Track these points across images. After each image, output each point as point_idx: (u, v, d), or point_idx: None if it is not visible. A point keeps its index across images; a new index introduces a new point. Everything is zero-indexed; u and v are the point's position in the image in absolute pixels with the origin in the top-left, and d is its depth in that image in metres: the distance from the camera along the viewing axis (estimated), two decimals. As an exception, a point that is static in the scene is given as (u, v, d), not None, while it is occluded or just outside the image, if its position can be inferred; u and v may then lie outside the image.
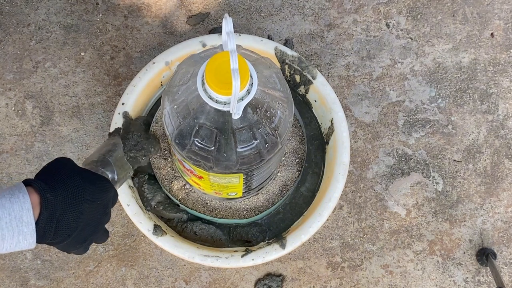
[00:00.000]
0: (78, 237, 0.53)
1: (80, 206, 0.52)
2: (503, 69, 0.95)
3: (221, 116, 0.56)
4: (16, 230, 0.47)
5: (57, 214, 0.50)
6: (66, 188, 0.51)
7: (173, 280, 0.85)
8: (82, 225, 0.52)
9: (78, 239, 0.53)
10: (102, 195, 0.55)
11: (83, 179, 0.53)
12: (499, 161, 0.91)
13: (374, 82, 0.94)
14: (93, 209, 0.53)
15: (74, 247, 0.55)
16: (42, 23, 0.94)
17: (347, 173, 0.77)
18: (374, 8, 0.97)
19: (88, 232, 0.54)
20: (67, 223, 0.51)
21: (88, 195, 0.52)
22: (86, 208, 0.52)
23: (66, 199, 0.51)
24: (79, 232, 0.53)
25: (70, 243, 0.53)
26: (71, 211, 0.51)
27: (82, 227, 0.52)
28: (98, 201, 0.54)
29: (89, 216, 0.53)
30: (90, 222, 0.53)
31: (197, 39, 0.82)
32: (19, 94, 0.91)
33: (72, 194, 0.51)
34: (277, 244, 0.75)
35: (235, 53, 0.49)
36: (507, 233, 0.88)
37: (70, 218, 0.51)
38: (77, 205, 0.51)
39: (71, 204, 0.51)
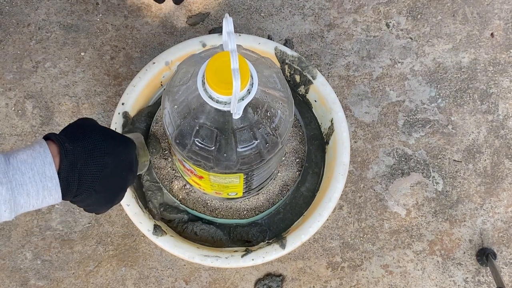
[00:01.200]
0: (105, 194, 0.51)
1: (103, 158, 0.50)
2: (503, 69, 0.95)
3: (222, 116, 0.56)
4: (40, 185, 0.46)
5: (78, 165, 0.48)
6: (86, 140, 0.50)
7: (173, 280, 0.85)
8: (108, 179, 0.51)
9: (105, 196, 0.52)
10: (125, 150, 0.53)
11: (104, 134, 0.52)
12: (499, 161, 0.91)
13: (374, 82, 0.94)
14: (117, 163, 0.51)
15: (103, 206, 0.53)
16: (42, 23, 0.94)
17: (347, 173, 0.78)
18: (374, 8, 0.97)
19: (115, 189, 0.53)
20: (91, 174, 0.49)
21: (110, 149, 0.51)
22: (110, 162, 0.51)
23: (87, 150, 0.49)
24: (106, 187, 0.51)
25: (98, 200, 0.51)
26: (93, 163, 0.49)
27: (108, 182, 0.51)
28: (121, 156, 0.52)
29: (115, 170, 0.51)
30: (116, 178, 0.52)
31: (197, 39, 0.82)
32: (19, 94, 0.91)
33: (93, 145, 0.50)
34: (277, 244, 0.75)
35: (235, 53, 0.49)
36: (507, 233, 0.88)
37: (93, 170, 0.49)
38: (99, 157, 0.50)
39: (92, 155, 0.49)
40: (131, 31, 0.94)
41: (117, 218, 0.87)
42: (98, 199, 0.52)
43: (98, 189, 0.51)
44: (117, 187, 0.53)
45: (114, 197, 0.54)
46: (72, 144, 0.49)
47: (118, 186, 0.53)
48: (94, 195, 0.51)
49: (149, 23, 0.95)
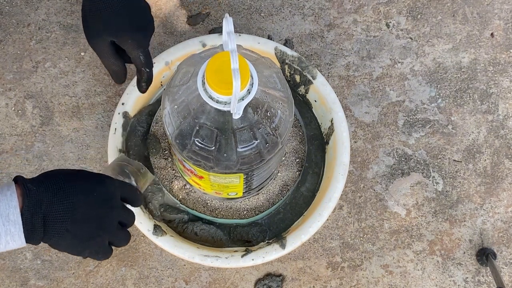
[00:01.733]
0: (80, 233, 0.49)
1: (71, 197, 0.48)
2: (503, 69, 0.95)
3: (222, 116, 0.56)
4: (2, 229, 0.45)
5: (43, 206, 0.46)
6: (51, 180, 0.48)
7: (173, 280, 0.85)
8: (80, 219, 0.48)
9: (81, 236, 0.49)
10: (98, 187, 0.50)
11: (73, 175, 0.50)
12: (499, 161, 0.91)
13: (374, 82, 0.94)
14: (90, 201, 0.49)
15: (81, 247, 0.50)
16: (42, 23, 0.94)
17: (347, 173, 0.78)
18: (374, 8, 0.97)
19: (91, 228, 0.50)
20: (60, 215, 0.47)
21: (79, 187, 0.49)
22: (81, 200, 0.48)
23: (52, 190, 0.47)
24: (79, 227, 0.48)
25: (73, 242, 0.49)
26: (60, 203, 0.47)
27: (81, 221, 0.48)
28: (94, 193, 0.50)
29: (87, 209, 0.49)
30: (90, 216, 0.49)
31: (197, 39, 0.82)
32: (19, 94, 0.91)
33: (58, 185, 0.48)
34: (277, 244, 0.75)
35: (235, 53, 0.49)
36: (507, 233, 0.88)
37: (60, 210, 0.47)
38: (66, 196, 0.48)
39: (58, 195, 0.47)
40: (131, 31, 0.94)
41: (117, 218, 0.87)
42: (75, 240, 0.49)
43: (72, 230, 0.48)
44: (94, 226, 0.50)
45: (91, 236, 0.50)
46: (36, 185, 0.47)
47: (94, 226, 0.50)
48: (68, 237, 0.48)
49: (149, 23, 0.95)
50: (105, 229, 0.52)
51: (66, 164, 0.88)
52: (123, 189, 0.55)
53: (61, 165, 0.88)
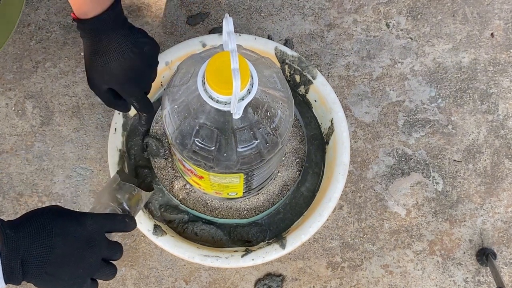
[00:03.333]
0: (60, 275, 0.50)
1: (50, 240, 0.49)
2: (503, 69, 0.95)
3: (222, 116, 0.56)
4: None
5: (21, 251, 0.48)
6: (30, 223, 0.50)
7: (173, 280, 0.85)
8: (59, 261, 0.50)
9: (61, 277, 0.50)
10: (77, 227, 0.52)
11: (53, 214, 0.51)
12: (499, 161, 0.91)
13: (374, 82, 0.94)
14: (68, 243, 0.50)
15: (64, 287, 0.51)
16: (42, 23, 0.94)
17: (347, 173, 0.78)
18: (374, 8, 0.97)
19: (71, 269, 0.51)
20: (37, 259, 0.49)
21: (58, 229, 0.50)
22: (59, 242, 0.50)
23: (30, 234, 0.49)
24: (58, 269, 0.50)
25: (55, 283, 0.50)
26: (38, 246, 0.49)
27: (59, 263, 0.50)
28: (74, 234, 0.51)
29: (67, 250, 0.50)
30: (69, 258, 0.50)
31: (197, 39, 0.82)
32: (19, 94, 0.91)
33: (37, 228, 0.49)
34: (277, 244, 0.75)
35: (235, 53, 0.49)
36: (507, 233, 0.88)
37: (37, 254, 0.49)
38: (44, 239, 0.49)
39: (37, 239, 0.49)
40: (131, 31, 0.94)
41: (117, 218, 0.87)
42: (56, 281, 0.50)
43: (51, 272, 0.50)
44: (75, 266, 0.51)
45: (76, 277, 0.51)
46: (15, 230, 0.49)
47: (75, 266, 0.51)
48: (48, 278, 0.50)
49: (149, 23, 0.95)
50: (86, 269, 0.53)
51: (66, 164, 0.88)
52: (108, 223, 0.56)
53: (61, 165, 0.88)
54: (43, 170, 0.88)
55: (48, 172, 0.88)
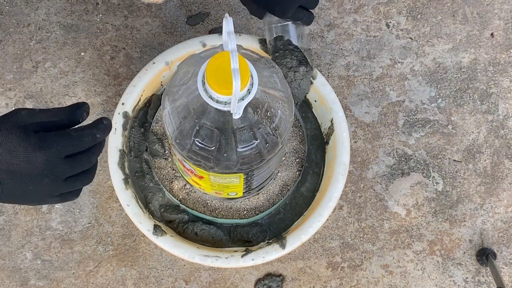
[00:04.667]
0: (18, 201, 0.50)
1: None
2: (503, 69, 0.95)
3: (222, 116, 0.56)
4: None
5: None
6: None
7: (173, 280, 0.85)
8: (10, 194, 0.49)
9: (21, 202, 0.51)
10: (24, 166, 0.48)
11: (2, 147, 0.48)
12: (499, 161, 0.91)
13: (374, 82, 0.94)
14: (17, 180, 0.48)
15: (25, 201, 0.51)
16: (42, 23, 0.94)
17: (347, 173, 0.78)
18: (374, 8, 0.97)
19: (27, 200, 0.50)
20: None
21: (3, 165, 0.48)
22: (6, 179, 0.48)
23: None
24: (14, 199, 0.50)
25: (18, 203, 0.50)
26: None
27: (12, 195, 0.49)
28: (21, 173, 0.48)
29: (15, 186, 0.49)
30: (22, 193, 0.49)
31: (197, 39, 0.82)
32: (19, 94, 0.91)
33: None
34: (277, 244, 0.75)
35: (235, 53, 0.49)
36: (507, 233, 0.88)
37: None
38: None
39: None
40: (131, 31, 0.94)
41: (117, 218, 0.87)
42: (14, 202, 0.51)
43: (5, 200, 0.50)
44: (29, 199, 0.50)
45: (34, 202, 0.51)
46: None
47: (29, 199, 0.50)
48: (4, 201, 0.50)
49: (149, 23, 0.95)
50: (41, 200, 0.52)
51: (66, 164, 0.88)
52: (65, 148, 0.51)
53: (61, 165, 0.88)
54: (43, 170, 0.88)
55: (48, 172, 0.88)
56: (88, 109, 0.54)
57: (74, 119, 0.53)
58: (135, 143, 0.81)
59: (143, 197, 0.79)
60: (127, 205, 0.76)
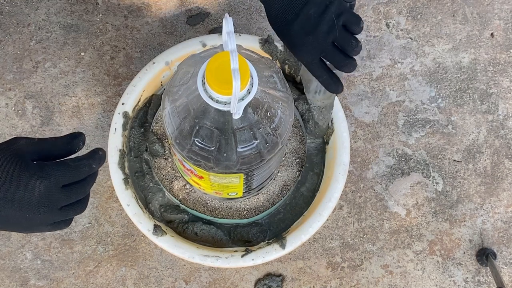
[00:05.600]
0: (13, 230, 0.51)
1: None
2: (503, 69, 0.95)
3: (222, 116, 0.56)
4: None
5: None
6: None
7: (173, 280, 0.85)
8: (6, 221, 0.49)
9: (15, 230, 0.52)
10: (23, 194, 0.49)
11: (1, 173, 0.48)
12: (499, 161, 0.91)
13: (374, 82, 0.94)
14: (14, 207, 0.49)
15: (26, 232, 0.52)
16: (42, 23, 0.94)
17: (347, 173, 0.78)
18: (374, 8, 0.97)
19: (22, 228, 0.51)
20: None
21: (1, 193, 0.48)
22: (4, 206, 0.48)
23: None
24: (9, 227, 0.50)
25: (10, 230, 0.51)
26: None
27: (7, 223, 0.50)
28: (19, 201, 0.49)
29: (12, 213, 0.49)
30: (18, 220, 0.50)
31: (197, 39, 0.82)
32: (19, 94, 0.91)
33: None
34: (277, 244, 0.75)
35: (235, 53, 0.49)
36: (507, 233, 0.88)
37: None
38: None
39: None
40: (131, 31, 0.94)
41: (117, 218, 0.87)
42: (7, 230, 0.52)
43: (1, 227, 0.50)
44: (25, 228, 0.51)
45: (29, 230, 0.52)
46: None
47: (25, 228, 0.51)
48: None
49: (149, 23, 0.95)
50: (37, 228, 0.52)
51: (66, 164, 0.88)
52: (63, 178, 0.51)
53: (61, 165, 0.88)
54: (43, 170, 0.88)
55: (48, 172, 0.88)
56: (84, 139, 0.55)
57: (71, 149, 0.54)
58: (135, 143, 0.81)
59: (143, 197, 0.79)
60: (127, 205, 0.76)
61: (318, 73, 0.64)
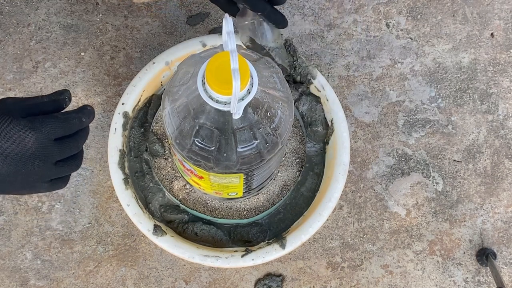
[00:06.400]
0: (10, 190, 0.51)
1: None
2: (503, 69, 0.95)
3: (222, 116, 0.56)
4: None
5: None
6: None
7: (173, 280, 0.85)
8: (2, 179, 0.50)
9: (12, 190, 0.52)
10: (15, 149, 0.49)
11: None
12: (499, 161, 0.91)
13: (374, 82, 0.94)
14: (9, 163, 0.49)
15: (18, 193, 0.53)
16: (42, 23, 0.94)
17: (347, 173, 0.78)
18: (374, 8, 0.97)
19: (19, 186, 0.51)
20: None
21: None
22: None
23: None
24: (5, 185, 0.50)
25: (8, 192, 0.52)
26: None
27: (4, 181, 0.50)
28: (13, 156, 0.49)
29: (7, 170, 0.49)
30: (14, 177, 0.50)
31: (197, 39, 0.82)
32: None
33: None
34: (277, 244, 0.75)
35: (235, 53, 0.49)
36: (507, 233, 0.88)
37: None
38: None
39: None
40: (131, 31, 0.94)
41: (117, 218, 0.87)
42: (4, 192, 0.52)
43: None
44: (20, 185, 0.52)
45: (26, 189, 0.53)
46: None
47: (21, 185, 0.52)
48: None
49: (149, 23, 0.95)
50: (32, 186, 0.53)
51: (66, 164, 0.88)
52: (55, 130, 0.52)
53: (61, 165, 0.88)
54: (43, 170, 0.88)
55: (48, 172, 0.88)
56: (70, 96, 0.55)
57: (59, 105, 0.54)
58: (135, 143, 0.81)
59: (143, 197, 0.79)
60: (127, 205, 0.76)
61: (261, 7, 0.67)
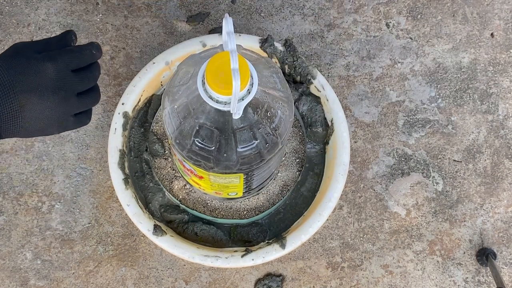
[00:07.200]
0: (39, 126, 0.52)
1: (16, 98, 0.50)
2: (503, 69, 0.95)
3: (222, 116, 0.56)
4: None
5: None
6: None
7: (173, 280, 0.85)
8: (31, 115, 0.51)
9: (42, 128, 0.52)
10: (39, 81, 0.51)
11: (14, 70, 0.50)
12: (499, 161, 0.91)
13: (374, 82, 0.94)
14: (35, 99, 0.51)
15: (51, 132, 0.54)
16: (42, 23, 0.94)
17: (347, 173, 0.78)
18: (374, 8, 0.97)
19: (47, 121, 0.52)
20: (11, 117, 0.50)
21: (20, 87, 0.50)
22: (24, 99, 0.50)
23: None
24: (35, 121, 0.51)
25: (38, 133, 0.53)
26: (7, 106, 0.49)
27: (32, 117, 0.51)
28: (37, 89, 0.51)
29: (35, 106, 0.51)
30: (43, 112, 0.51)
31: (197, 39, 0.82)
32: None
33: (3, 88, 0.49)
34: (277, 244, 0.75)
35: (235, 53, 0.49)
36: (507, 233, 0.88)
37: (10, 112, 0.50)
38: (11, 98, 0.50)
39: (5, 99, 0.49)
40: (131, 31, 0.94)
41: (117, 218, 0.87)
42: (35, 133, 0.53)
43: (27, 126, 0.52)
44: (49, 118, 0.53)
45: (54, 126, 0.54)
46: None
47: (49, 119, 0.53)
48: (24, 133, 0.52)
49: (149, 23, 0.95)
50: (60, 120, 0.54)
51: (66, 164, 0.88)
52: (72, 61, 0.54)
53: (61, 165, 0.88)
54: (43, 170, 0.88)
55: (48, 172, 0.88)
56: (75, 34, 0.58)
57: (66, 43, 0.57)
58: (135, 143, 0.81)
59: (143, 197, 0.79)
60: (127, 205, 0.76)
61: None
